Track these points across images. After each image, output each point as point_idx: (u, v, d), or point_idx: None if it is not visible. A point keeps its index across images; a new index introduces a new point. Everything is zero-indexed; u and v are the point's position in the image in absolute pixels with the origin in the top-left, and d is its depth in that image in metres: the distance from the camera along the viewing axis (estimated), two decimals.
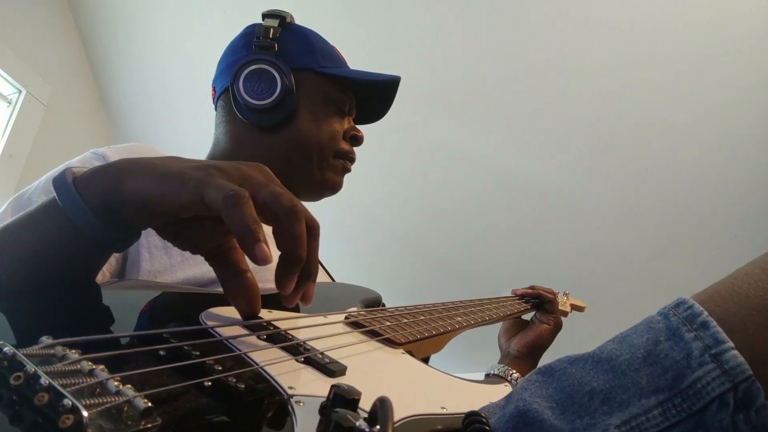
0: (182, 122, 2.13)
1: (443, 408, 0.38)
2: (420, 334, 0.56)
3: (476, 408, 0.35)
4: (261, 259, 0.35)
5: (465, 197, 1.89)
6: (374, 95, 0.92)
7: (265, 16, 0.86)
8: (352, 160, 0.89)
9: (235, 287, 0.42)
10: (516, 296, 1.01)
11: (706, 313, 0.28)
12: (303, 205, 0.40)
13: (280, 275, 0.39)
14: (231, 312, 0.44)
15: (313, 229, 0.41)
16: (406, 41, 1.77)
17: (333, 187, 0.88)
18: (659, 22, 1.57)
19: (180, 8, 1.93)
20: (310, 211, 0.41)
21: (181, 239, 0.42)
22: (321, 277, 0.95)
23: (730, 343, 0.26)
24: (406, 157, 1.92)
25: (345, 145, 0.87)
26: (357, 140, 0.89)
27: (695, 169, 1.65)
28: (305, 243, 0.39)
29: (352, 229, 2.05)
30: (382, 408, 0.27)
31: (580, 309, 1.13)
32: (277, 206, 0.38)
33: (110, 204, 0.39)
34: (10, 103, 1.76)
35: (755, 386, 0.24)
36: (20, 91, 1.77)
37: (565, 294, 1.11)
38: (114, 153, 0.69)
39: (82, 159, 0.69)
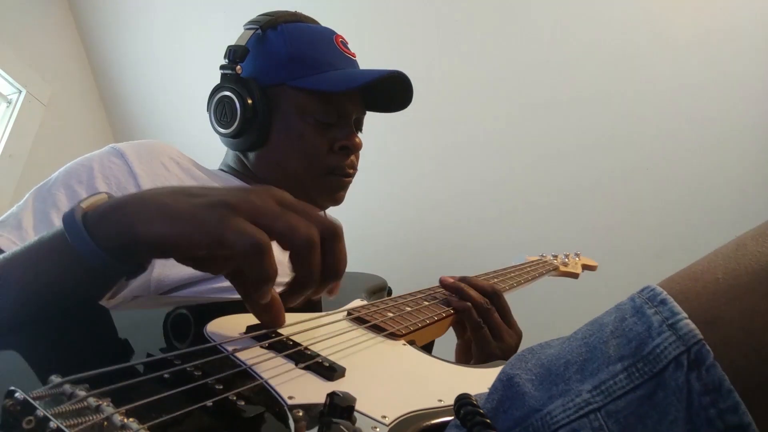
0: (182, 122, 2.13)
1: (440, 401, 0.39)
2: (422, 323, 0.57)
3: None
4: (270, 316, 0.41)
5: (464, 195, 1.89)
6: (376, 92, 0.82)
7: (245, 29, 0.82)
8: (348, 174, 0.81)
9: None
10: (528, 263, 0.99)
11: (665, 292, 0.32)
12: (319, 220, 0.40)
13: (289, 293, 0.41)
14: (233, 321, 0.45)
15: (335, 235, 0.41)
16: (407, 39, 1.78)
17: (329, 206, 0.85)
18: (662, 22, 1.57)
19: (180, 8, 1.93)
20: (328, 220, 0.41)
21: (199, 266, 0.43)
22: None
23: (684, 314, 0.30)
24: (406, 154, 1.92)
25: (333, 159, 0.79)
26: (348, 149, 0.80)
27: (695, 168, 1.65)
28: (319, 273, 0.40)
29: (355, 222, 2.05)
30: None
31: (591, 268, 1.13)
32: (294, 239, 0.38)
33: (126, 246, 0.40)
34: (10, 103, 1.77)
35: (705, 348, 0.28)
36: (20, 91, 1.77)
37: (577, 254, 1.12)
38: (132, 149, 0.70)
39: (100, 154, 0.69)
